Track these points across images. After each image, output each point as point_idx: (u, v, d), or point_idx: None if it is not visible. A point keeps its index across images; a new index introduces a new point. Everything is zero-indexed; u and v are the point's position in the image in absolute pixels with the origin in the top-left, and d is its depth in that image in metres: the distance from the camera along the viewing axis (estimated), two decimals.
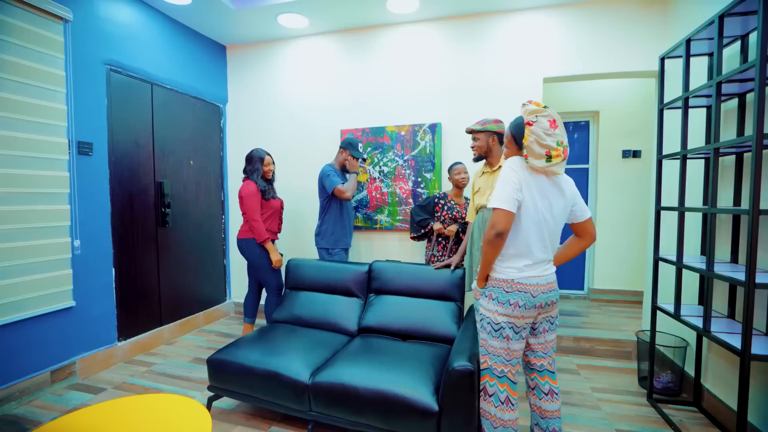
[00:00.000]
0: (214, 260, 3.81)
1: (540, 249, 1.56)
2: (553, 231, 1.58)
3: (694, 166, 2.34)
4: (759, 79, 1.53)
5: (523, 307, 1.53)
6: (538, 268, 1.56)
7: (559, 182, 1.57)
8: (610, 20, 2.91)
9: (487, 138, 2.33)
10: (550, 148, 1.46)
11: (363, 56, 3.44)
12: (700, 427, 2.12)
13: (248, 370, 2.04)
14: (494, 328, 1.58)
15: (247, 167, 2.94)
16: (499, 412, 1.59)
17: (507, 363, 1.58)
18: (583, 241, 1.69)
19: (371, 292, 2.59)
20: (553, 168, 1.50)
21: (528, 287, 1.53)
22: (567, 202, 1.58)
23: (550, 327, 1.65)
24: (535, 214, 1.53)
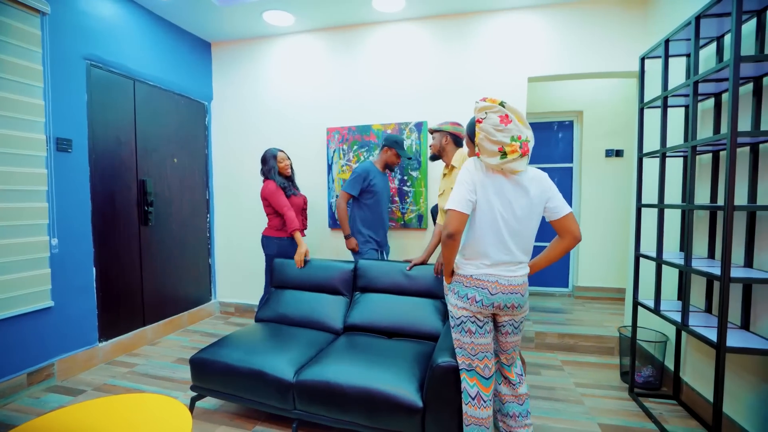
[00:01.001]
0: (199, 259, 3.76)
1: (499, 250, 1.51)
2: (517, 232, 1.51)
3: (673, 165, 2.39)
4: (733, 79, 1.57)
5: (480, 303, 1.52)
6: (498, 268, 1.52)
7: (521, 180, 1.50)
8: (594, 21, 2.96)
9: (441, 138, 2.42)
10: (503, 144, 1.42)
11: (349, 54, 3.43)
12: (679, 419, 2.16)
13: (232, 369, 2.02)
14: (456, 322, 1.59)
15: (263, 168, 2.88)
16: (470, 408, 1.58)
17: (473, 357, 1.57)
18: (564, 241, 1.56)
19: (357, 290, 2.59)
20: (510, 165, 1.44)
21: (486, 283, 1.51)
22: (532, 200, 1.50)
23: (512, 330, 1.62)
24: (490, 215, 1.49)
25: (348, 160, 3.39)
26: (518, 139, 1.43)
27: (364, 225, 2.87)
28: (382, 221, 2.94)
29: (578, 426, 2.09)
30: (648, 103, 2.28)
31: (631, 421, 2.14)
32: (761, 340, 1.70)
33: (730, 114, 1.57)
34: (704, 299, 2.13)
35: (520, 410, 1.67)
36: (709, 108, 2.17)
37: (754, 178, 1.81)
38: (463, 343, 1.59)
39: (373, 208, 2.87)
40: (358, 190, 2.80)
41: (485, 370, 1.58)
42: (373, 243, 2.90)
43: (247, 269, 3.85)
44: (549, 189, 1.54)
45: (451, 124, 2.42)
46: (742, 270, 1.77)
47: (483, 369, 1.58)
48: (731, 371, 1.91)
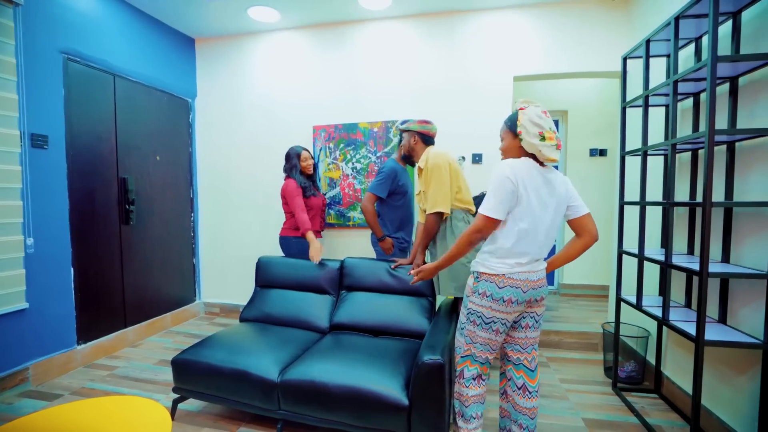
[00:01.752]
0: (182, 259, 3.69)
1: (533, 249, 1.55)
2: (547, 230, 1.56)
3: (655, 164, 2.44)
4: (710, 78, 1.60)
5: (515, 303, 1.55)
6: (528, 266, 1.56)
7: (552, 181, 1.55)
8: (578, 21, 3.00)
9: (410, 138, 2.36)
10: (543, 129, 1.49)
11: (336, 52, 3.41)
12: (660, 412, 2.21)
13: (215, 370, 1.98)
14: (485, 321, 1.59)
15: (286, 165, 2.85)
16: (471, 389, 1.67)
17: (491, 351, 1.65)
18: (582, 240, 1.61)
19: (343, 289, 2.57)
20: (547, 151, 1.49)
21: (518, 282, 1.54)
22: (560, 200, 1.56)
23: (533, 324, 1.64)
24: (530, 215, 1.52)
25: (335, 158, 3.37)
26: (554, 132, 1.52)
27: (395, 227, 2.72)
28: (411, 221, 2.83)
29: (563, 421, 2.11)
30: (630, 102, 2.32)
31: (614, 415, 2.18)
32: (738, 333, 1.74)
33: (708, 112, 1.60)
34: (684, 295, 2.18)
35: (528, 423, 1.66)
36: (688, 108, 2.22)
37: (731, 175, 1.85)
38: (485, 340, 1.62)
39: (403, 209, 2.71)
40: (386, 192, 2.60)
41: (494, 360, 1.73)
42: (406, 245, 2.79)
43: (233, 269, 3.79)
44: (571, 189, 1.63)
45: (418, 123, 2.34)
46: (720, 265, 1.82)
47: (493, 360, 1.75)
48: (709, 364, 1.96)
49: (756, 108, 1.75)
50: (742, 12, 1.80)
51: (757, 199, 1.70)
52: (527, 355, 1.66)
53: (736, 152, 1.85)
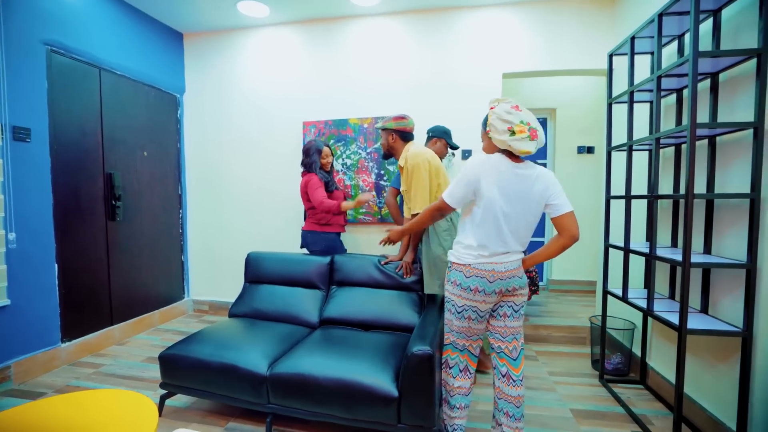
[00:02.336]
0: (170, 256, 3.64)
1: (497, 244, 1.57)
2: (516, 226, 1.56)
3: (640, 159, 2.48)
4: (692, 73, 1.65)
5: (482, 293, 1.58)
6: (494, 258, 1.58)
7: (525, 176, 1.55)
8: (566, 19, 3.04)
9: (387, 136, 2.32)
10: (512, 124, 1.50)
11: (326, 48, 3.40)
12: (645, 402, 2.25)
13: (203, 364, 1.96)
14: (457, 310, 1.65)
15: (305, 159, 2.78)
16: (457, 381, 1.72)
17: (468, 338, 1.69)
18: (561, 239, 1.58)
19: (333, 284, 2.57)
20: (518, 144, 1.49)
21: (484, 272, 1.57)
22: (535, 196, 1.56)
23: (512, 313, 1.65)
24: (491, 210, 1.55)
25: None
26: (527, 124, 1.50)
27: None
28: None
29: (551, 412, 2.14)
30: (615, 98, 2.36)
31: (600, 406, 2.21)
32: (719, 322, 1.79)
33: (690, 106, 1.64)
34: (668, 287, 2.22)
35: (514, 412, 1.67)
36: (672, 104, 2.27)
37: (712, 169, 1.90)
38: (461, 328, 1.67)
39: None
40: None
41: (476, 349, 1.74)
42: None
43: (222, 266, 3.76)
44: (552, 186, 1.58)
45: (394, 120, 2.29)
46: (702, 256, 1.86)
47: (475, 348, 1.73)
48: (692, 354, 2.00)
49: (735, 103, 1.80)
50: (722, 10, 1.85)
51: (737, 192, 1.75)
52: (508, 344, 1.67)
53: (717, 147, 1.90)
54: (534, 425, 2.02)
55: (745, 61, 1.73)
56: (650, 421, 2.05)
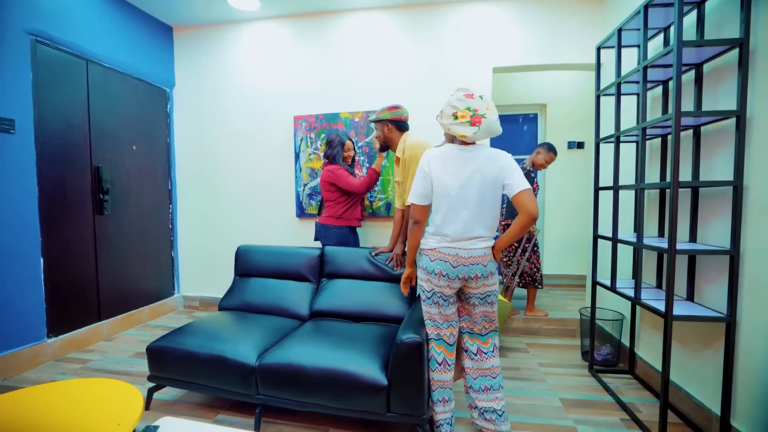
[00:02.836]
0: (160, 251, 3.61)
1: (456, 228, 1.60)
2: (474, 209, 1.59)
3: (628, 152, 2.51)
4: (677, 62, 1.66)
5: (446, 277, 1.63)
6: (457, 243, 1.62)
7: (476, 159, 1.59)
8: (556, 13, 3.06)
9: (383, 128, 2.30)
10: (458, 110, 1.57)
11: (317, 42, 3.39)
12: (633, 391, 2.27)
13: (192, 356, 1.95)
14: (427, 296, 1.72)
15: (328, 151, 2.75)
16: (437, 374, 1.73)
17: (440, 326, 1.72)
18: (519, 218, 1.57)
19: (324, 276, 2.56)
20: (457, 128, 1.57)
21: (447, 256, 1.62)
22: (489, 178, 1.58)
23: (480, 302, 1.69)
24: (445, 196, 1.61)
25: (315, 148, 3.35)
26: (473, 111, 1.55)
27: None
28: None
29: (541, 402, 2.16)
30: (603, 90, 2.39)
31: (590, 395, 2.23)
32: (703, 308, 1.81)
33: (675, 95, 1.66)
34: (655, 277, 2.25)
35: (491, 383, 1.71)
36: (658, 96, 2.30)
37: (697, 158, 1.93)
38: (432, 315, 1.72)
39: None
40: None
41: (450, 337, 1.74)
42: None
43: (213, 262, 3.73)
44: (507, 167, 1.60)
45: (389, 110, 2.28)
46: (687, 244, 1.89)
47: (449, 337, 1.73)
48: (678, 342, 2.03)
49: (719, 93, 1.82)
50: (706, 2, 1.88)
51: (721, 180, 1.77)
52: (477, 325, 1.73)
53: (702, 137, 1.93)
54: (524, 415, 2.03)
55: (727, 51, 1.75)
56: (638, 409, 2.07)
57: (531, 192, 1.57)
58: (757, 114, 1.62)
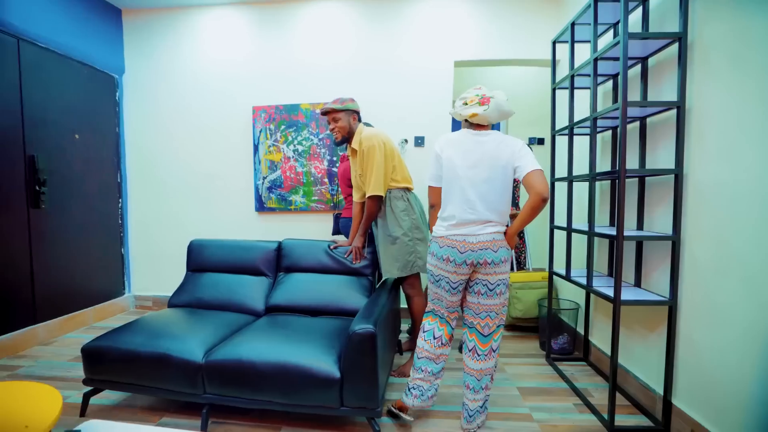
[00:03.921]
0: (109, 248, 3.38)
1: (464, 210, 1.62)
2: (483, 191, 1.61)
3: (582, 145, 2.57)
4: (623, 52, 1.71)
5: (453, 263, 1.64)
6: (465, 228, 1.63)
7: (486, 142, 1.64)
8: (516, 7, 3.10)
9: (348, 118, 2.18)
10: (467, 98, 1.68)
11: (276, 32, 3.29)
12: (587, 377, 2.33)
13: (133, 355, 1.81)
14: (435, 279, 1.74)
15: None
16: (427, 344, 1.79)
17: (445, 309, 1.78)
18: (529, 200, 1.53)
19: (281, 270, 2.47)
20: (464, 111, 1.66)
21: (455, 242, 1.63)
22: (500, 162, 1.59)
23: (486, 291, 1.66)
24: (455, 177, 1.65)
25: (275, 140, 3.24)
26: (481, 95, 1.65)
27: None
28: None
29: (499, 391, 2.16)
30: (558, 84, 2.44)
31: (546, 383, 2.27)
32: (649, 293, 1.88)
33: (622, 86, 1.71)
34: (607, 265, 2.32)
35: (475, 384, 1.72)
36: (609, 90, 2.37)
37: (643, 149, 2.00)
38: (438, 295, 1.76)
39: None
40: None
41: (453, 321, 1.83)
42: None
43: (168, 259, 3.53)
44: (518, 150, 1.62)
45: (350, 101, 2.20)
46: (635, 231, 1.95)
47: (452, 320, 1.82)
48: (626, 327, 2.09)
49: (662, 86, 1.90)
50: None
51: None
52: (480, 321, 1.70)
53: (647, 128, 2.00)
54: None
55: (669, 46, 1.82)
56: (590, 394, 2.12)
57: (541, 173, 1.55)
58: (695, 105, 1.69)
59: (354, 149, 2.22)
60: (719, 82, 1.56)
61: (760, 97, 1.39)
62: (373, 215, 2.24)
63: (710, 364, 1.57)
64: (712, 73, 1.60)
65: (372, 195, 2.16)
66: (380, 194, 2.17)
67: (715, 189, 1.56)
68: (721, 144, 1.55)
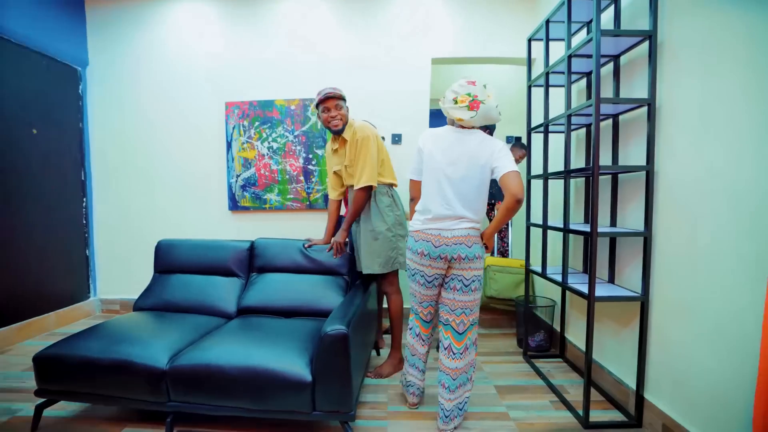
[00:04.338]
0: (72, 250, 3.21)
1: (440, 205, 1.65)
2: (460, 188, 1.63)
3: (557, 144, 2.58)
4: (596, 50, 1.72)
5: (427, 257, 1.66)
6: (440, 223, 1.65)
7: (467, 140, 1.65)
8: (493, 5, 3.09)
9: (346, 106, 2.20)
10: (458, 95, 1.65)
11: (250, 25, 3.18)
12: (562, 373, 2.34)
13: (90, 363, 1.70)
14: (411, 273, 1.79)
15: None
16: (415, 342, 1.88)
17: (419, 304, 1.82)
18: (504, 199, 1.55)
19: (254, 270, 2.39)
20: (455, 111, 1.64)
21: (429, 236, 1.66)
22: (479, 161, 1.61)
23: (461, 287, 1.67)
24: (433, 172, 1.67)
25: (249, 137, 3.15)
26: (473, 96, 1.62)
27: None
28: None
29: (477, 390, 2.14)
30: (534, 81, 2.44)
31: (522, 380, 2.26)
32: (622, 289, 1.89)
33: (595, 83, 1.71)
34: (582, 263, 2.33)
35: (450, 383, 1.69)
36: (582, 89, 2.39)
37: (616, 146, 2.02)
38: (414, 291, 1.81)
39: None
40: None
41: (427, 315, 1.85)
42: None
43: (137, 261, 3.38)
44: (498, 151, 1.63)
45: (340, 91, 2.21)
46: (608, 228, 1.96)
47: (426, 315, 1.84)
48: (600, 323, 2.11)
49: (634, 84, 1.92)
50: None
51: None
52: (455, 318, 1.70)
53: (620, 125, 2.02)
54: None
55: (640, 44, 1.84)
56: (566, 390, 2.12)
57: (517, 174, 1.56)
58: (664, 102, 1.70)
59: (344, 139, 2.18)
60: (687, 79, 1.58)
61: (726, 94, 1.40)
62: (361, 208, 2.20)
63: (680, 358, 1.59)
64: (680, 71, 1.62)
65: (363, 186, 2.14)
66: (372, 185, 2.15)
67: (685, 185, 1.58)
68: (689, 141, 1.56)
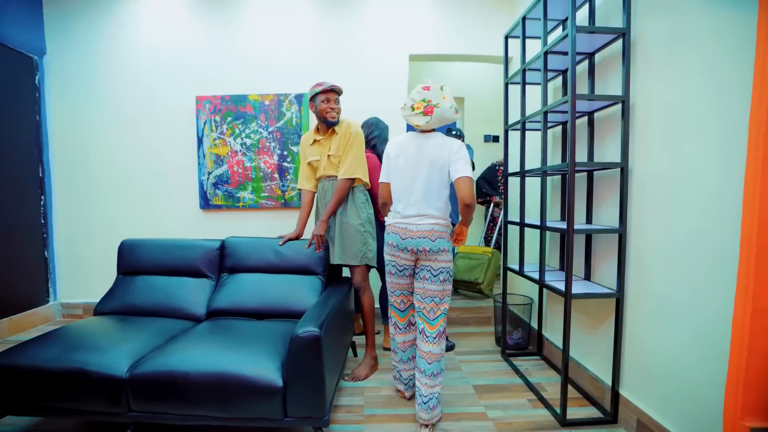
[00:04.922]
0: (28, 252, 3.01)
1: (406, 205, 1.76)
2: (424, 190, 1.73)
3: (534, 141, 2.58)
4: (571, 46, 1.71)
5: (396, 248, 1.79)
6: (407, 219, 1.76)
7: (427, 144, 1.75)
8: (471, 1, 3.08)
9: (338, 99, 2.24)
10: (414, 101, 1.73)
11: (223, 16, 3.07)
12: (540, 371, 2.35)
13: (41, 372, 1.57)
14: (385, 263, 1.91)
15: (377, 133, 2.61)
16: (394, 331, 1.98)
17: (392, 293, 1.93)
18: (459, 202, 1.68)
19: (224, 271, 2.29)
20: (412, 118, 1.74)
21: (398, 229, 1.78)
22: (438, 162, 1.71)
23: (430, 277, 1.75)
24: (400, 176, 1.79)
25: (221, 132, 3.03)
26: (427, 102, 1.69)
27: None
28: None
29: (455, 390, 2.12)
30: (511, 78, 2.44)
31: (500, 379, 2.25)
32: (598, 286, 1.90)
33: (571, 78, 1.71)
34: (559, 260, 2.34)
35: (426, 367, 1.74)
36: (558, 87, 2.40)
37: (591, 143, 2.03)
38: (388, 281, 1.93)
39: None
40: None
41: (401, 305, 1.94)
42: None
43: (100, 263, 3.19)
44: (454, 154, 1.71)
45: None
46: (584, 225, 1.97)
47: (399, 304, 1.94)
48: (577, 321, 2.12)
49: (608, 81, 1.93)
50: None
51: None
52: (426, 305, 1.78)
53: (595, 123, 2.03)
54: None
55: (614, 42, 1.85)
56: (544, 388, 2.12)
57: (468, 180, 1.66)
58: (638, 100, 1.72)
59: (333, 131, 2.22)
60: (659, 77, 1.60)
61: (697, 91, 1.42)
62: (343, 198, 2.22)
63: (653, 354, 1.60)
64: (653, 68, 1.64)
65: (349, 177, 2.18)
66: (359, 177, 2.20)
67: (658, 182, 1.59)
68: (662, 138, 1.58)
